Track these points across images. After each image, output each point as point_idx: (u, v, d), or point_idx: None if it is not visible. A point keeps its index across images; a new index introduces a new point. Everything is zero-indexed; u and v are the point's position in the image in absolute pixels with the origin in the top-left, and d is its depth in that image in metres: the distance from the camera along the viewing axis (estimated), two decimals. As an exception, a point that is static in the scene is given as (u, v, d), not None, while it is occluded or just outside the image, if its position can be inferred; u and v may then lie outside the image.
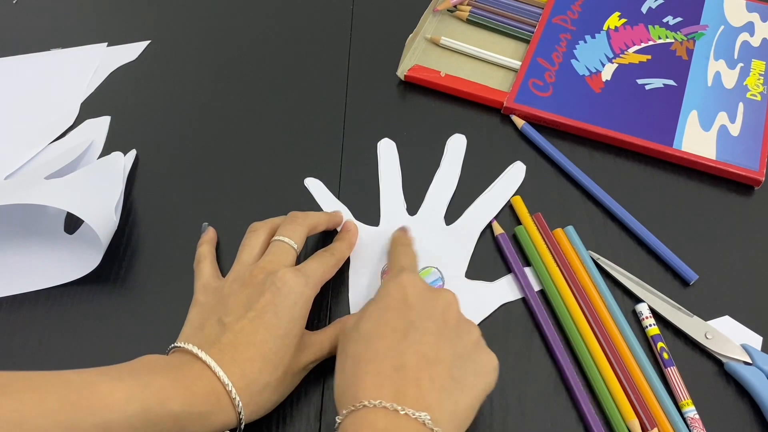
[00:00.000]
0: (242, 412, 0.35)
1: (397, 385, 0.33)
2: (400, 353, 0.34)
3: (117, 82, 0.59)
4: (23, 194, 0.45)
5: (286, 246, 0.41)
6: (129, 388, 0.33)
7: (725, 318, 0.43)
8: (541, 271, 0.44)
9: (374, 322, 0.36)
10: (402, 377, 0.33)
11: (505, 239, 0.46)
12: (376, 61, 0.58)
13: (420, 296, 0.37)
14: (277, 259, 0.40)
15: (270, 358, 0.36)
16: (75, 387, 0.32)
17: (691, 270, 0.45)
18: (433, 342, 0.35)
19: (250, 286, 0.39)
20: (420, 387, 0.33)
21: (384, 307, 0.37)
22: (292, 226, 0.43)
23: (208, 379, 0.35)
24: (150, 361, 0.36)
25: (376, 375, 0.33)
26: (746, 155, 0.50)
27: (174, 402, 0.33)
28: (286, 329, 0.37)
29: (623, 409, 0.39)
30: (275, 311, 0.37)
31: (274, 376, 0.37)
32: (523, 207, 0.48)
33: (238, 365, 0.36)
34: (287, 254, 0.41)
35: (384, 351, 0.34)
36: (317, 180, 0.51)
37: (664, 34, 0.58)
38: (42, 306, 0.46)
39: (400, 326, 0.35)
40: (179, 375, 0.34)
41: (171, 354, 0.38)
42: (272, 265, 0.40)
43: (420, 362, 0.34)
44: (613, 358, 0.41)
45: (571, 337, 0.42)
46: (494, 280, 0.45)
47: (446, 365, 0.34)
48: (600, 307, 0.43)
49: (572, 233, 0.46)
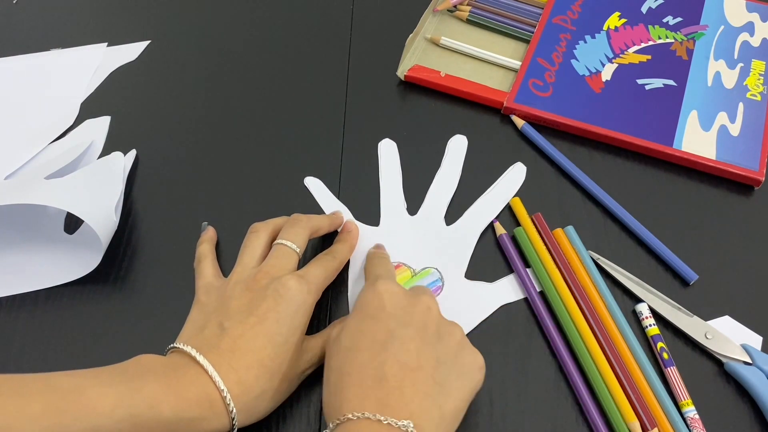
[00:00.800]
0: (236, 418, 0.35)
1: (379, 396, 0.33)
2: (381, 363, 0.34)
3: (117, 82, 0.59)
4: (23, 194, 0.45)
5: (288, 250, 0.41)
6: (118, 393, 0.32)
7: (725, 318, 0.43)
8: (540, 273, 0.44)
9: (354, 333, 0.36)
10: (384, 387, 0.33)
11: (506, 240, 0.46)
12: (376, 61, 0.58)
13: (397, 303, 0.37)
14: (280, 264, 0.40)
15: (268, 365, 0.36)
16: (62, 391, 0.32)
17: (691, 270, 0.45)
18: (413, 349, 0.35)
19: (252, 291, 0.38)
20: (402, 395, 0.33)
21: (363, 317, 0.37)
22: (294, 230, 0.42)
23: (203, 385, 0.35)
24: (144, 363, 0.35)
25: (358, 387, 0.33)
26: (746, 155, 0.50)
27: (165, 407, 0.33)
28: (286, 336, 0.37)
29: (624, 410, 0.39)
30: (276, 318, 0.37)
31: (270, 383, 0.36)
32: (522, 208, 0.48)
33: (235, 372, 0.35)
34: (290, 258, 0.41)
35: (365, 362, 0.34)
36: (317, 179, 0.51)
37: (664, 34, 0.58)
38: (42, 306, 0.46)
39: (380, 336, 0.35)
40: (172, 379, 0.34)
41: (169, 354, 0.37)
42: (275, 270, 0.40)
43: (401, 371, 0.34)
44: (613, 358, 0.41)
45: (571, 337, 0.42)
46: (494, 280, 0.45)
47: (428, 371, 0.34)
48: (600, 307, 0.43)
49: (572, 233, 0.46)
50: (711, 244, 0.47)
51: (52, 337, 0.44)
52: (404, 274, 0.46)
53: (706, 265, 0.46)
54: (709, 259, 0.46)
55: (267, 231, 0.43)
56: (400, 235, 0.47)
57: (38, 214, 0.50)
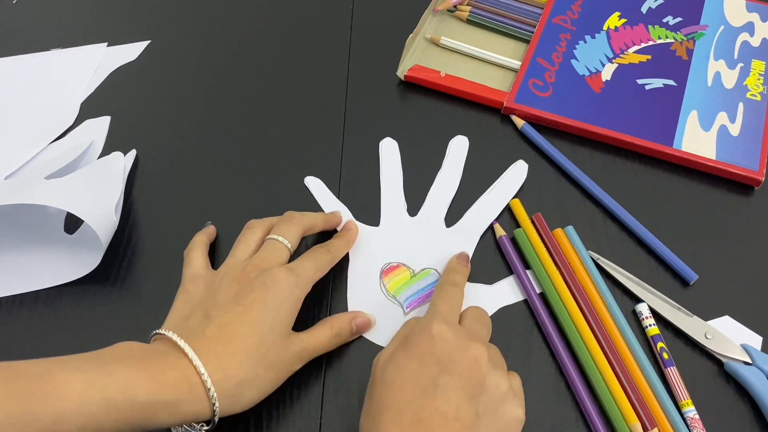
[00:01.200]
0: (216, 404, 0.35)
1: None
2: (419, 409, 0.34)
3: (117, 82, 0.59)
4: (23, 194, 0.45)
5: (279, 245, 0.42)
6: (89, 377, 0.32)
7: (725, 318, 0.43)
8: (540, 274, 0.44)
9: (400, 370, 0.36)
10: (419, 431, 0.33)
11: (506, 241, 0.46)
12: (376, 61, 0.58)
13: (446, 350, 0.36)
14: (270, 257, 0.41)
15: (251, 352, 0.36)
16: (29, 377, 0.31)
17: (691, 270, 0.45)
18: (453, 399, 0.34)
19: (240, 282, 0.39)
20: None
21: (411, 356, 0.36)
22: (287, 226, 0.43)
23: (182, 368, 0.35)
24: (121, 349, 0.35)
25: (395, 426, 0.33)
26: (746, 155, 0.50)
27: (139, 390, 0.33)
28: (271, 326, 0.37)
29: (625, 412, 0.39)
30: (263, 308, 0.38)
31: (254, 371, 0.36)
32: (522, 210, 0.48)
33: (216, 356, 0.35)
34: (281, 253, 0.41)
35: (404, 404, 0.34)
36: (317, 179, 0.51)
37: (664, 34, 0.58)
38: (42, 306, 0.46)
39: (423, 381, 0.35)
40: (149, 363, 0.34)
41: (152, 341, 0.38)
42: (265, 262, 0.40)
43: (439, 419, 0.34)
44: (614, 358, 0.41)
45: (571, 338, 0.42)
46: (494, 282, 0.45)
47: (465, 422, 0.34)
48: (600, 307, 0.43)
49: (572, 233, 0.46)
50: (711, 244, 0.47)
51: (52, 337, 0.44)
52: (403, 275, 0.46)
53: (706, 265, 0.46)
54: (709, 259, 0.46)
55: (262, 228, 0.44)
56: (400, 236, 0.47)
57: (38, 214, 0.50)
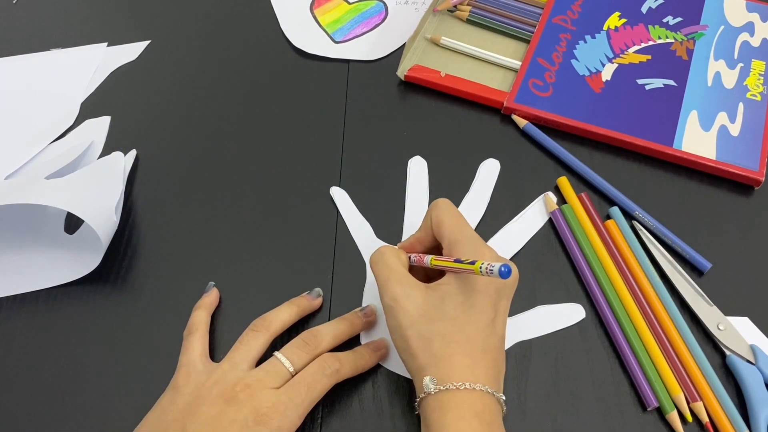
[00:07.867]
0: None
1: (484, 367, 0.35)
2: (487, 336, 0.36)
3: (117, 82, 0.59)
4: (23, 194, 0.45)
5: (282, 368, 0.38)
6: None
7: (744, 319, 0.43)
8: (589, 249, 0.46)
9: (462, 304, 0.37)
10: (487, 359, 0.36)
11: (558, 215, 0.47)
12: (376, 61, 0.58)
13: None
14: (266, 379, 0.38)
15: None
16: None
17: (704, 259, 0.45)
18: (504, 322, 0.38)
19: (227, 401, 0.36)
20: (498, 368, 0.36)
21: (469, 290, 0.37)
22: (299, 352, 0.39)
23: None
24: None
25: (469, 357, 0.35)
26: (746, 155, 0.50)
27: None
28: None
29: (669, 384, 0.40)
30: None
31: None
32: (569, 187, 0.49)
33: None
34: (280, 377, 0.38)
35: (474, 333, 0.36)
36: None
37: (664, 34, 0.58)
38: (42, 306, 0.46)
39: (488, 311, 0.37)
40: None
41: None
42: (260, 384, 0.37)
43: (500, 342, 0.37)
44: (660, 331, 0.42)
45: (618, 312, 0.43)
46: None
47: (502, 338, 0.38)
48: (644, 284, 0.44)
49: (617, 213, 0.47)
50: (711, 244, 0.47)
51: (52, 337, 0.44)
52: None
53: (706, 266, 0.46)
54: (708, 259, 0.46)
55: (268, 333, 0.41)
56: None
57: (38, 214, 0.50)
